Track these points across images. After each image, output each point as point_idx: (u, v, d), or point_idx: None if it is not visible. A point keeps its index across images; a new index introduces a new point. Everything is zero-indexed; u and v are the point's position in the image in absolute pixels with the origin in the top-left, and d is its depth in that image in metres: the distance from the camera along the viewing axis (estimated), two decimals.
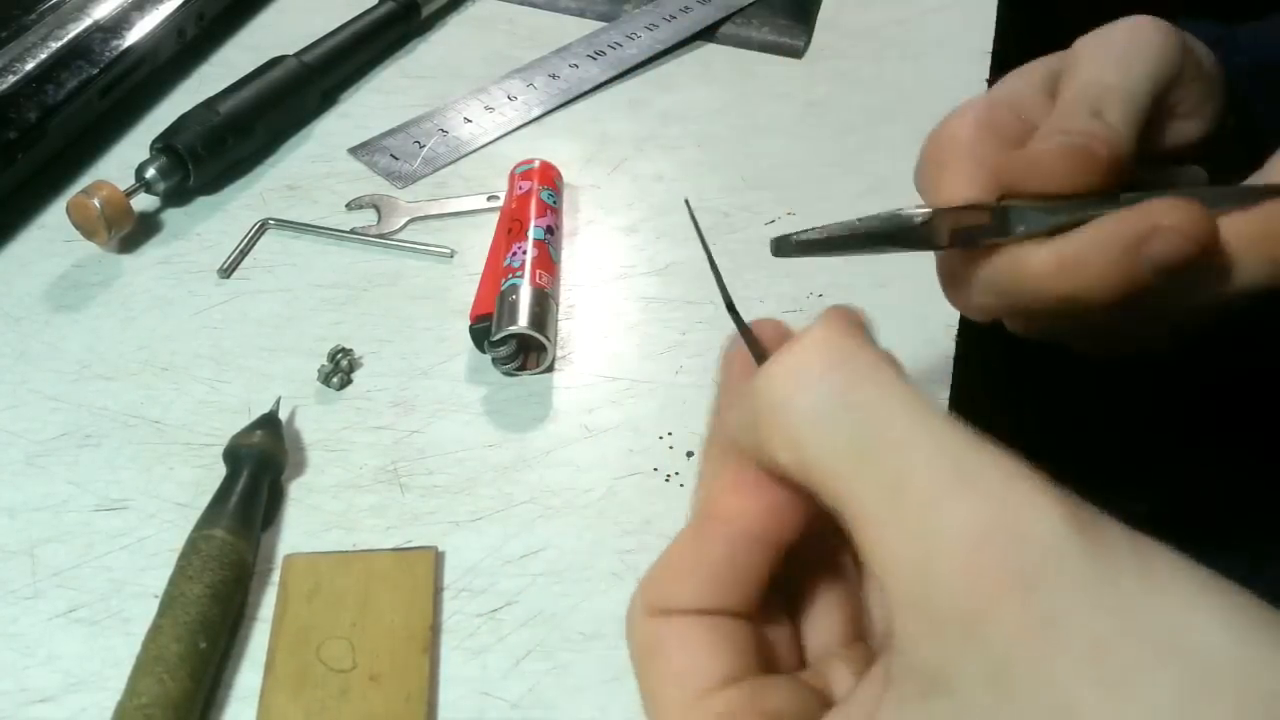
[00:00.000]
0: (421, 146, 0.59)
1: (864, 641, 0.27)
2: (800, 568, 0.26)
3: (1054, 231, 0.31)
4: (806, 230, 0.30)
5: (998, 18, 0.68)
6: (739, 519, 0.25)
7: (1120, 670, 0.17)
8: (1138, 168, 0.34)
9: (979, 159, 0.34)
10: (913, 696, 0.20)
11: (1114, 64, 0.35)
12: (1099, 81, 0.35)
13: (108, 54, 0.57)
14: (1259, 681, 0.17)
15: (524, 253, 0.49)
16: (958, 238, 0.32)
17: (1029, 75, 0.38)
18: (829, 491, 0.21)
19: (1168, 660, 0.17)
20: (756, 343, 0.26)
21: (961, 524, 0.19)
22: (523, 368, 0.47)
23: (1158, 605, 0.18)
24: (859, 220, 0.31)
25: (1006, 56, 0.64)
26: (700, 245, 0.28)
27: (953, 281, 0.35)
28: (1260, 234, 0.31)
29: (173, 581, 0.37)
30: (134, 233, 0.53)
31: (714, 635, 0.25)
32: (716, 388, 0.28)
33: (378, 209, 0.55)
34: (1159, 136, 0.36)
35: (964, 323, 0.48)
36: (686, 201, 0.31)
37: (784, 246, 0.30)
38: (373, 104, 0.62)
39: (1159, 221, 0.29)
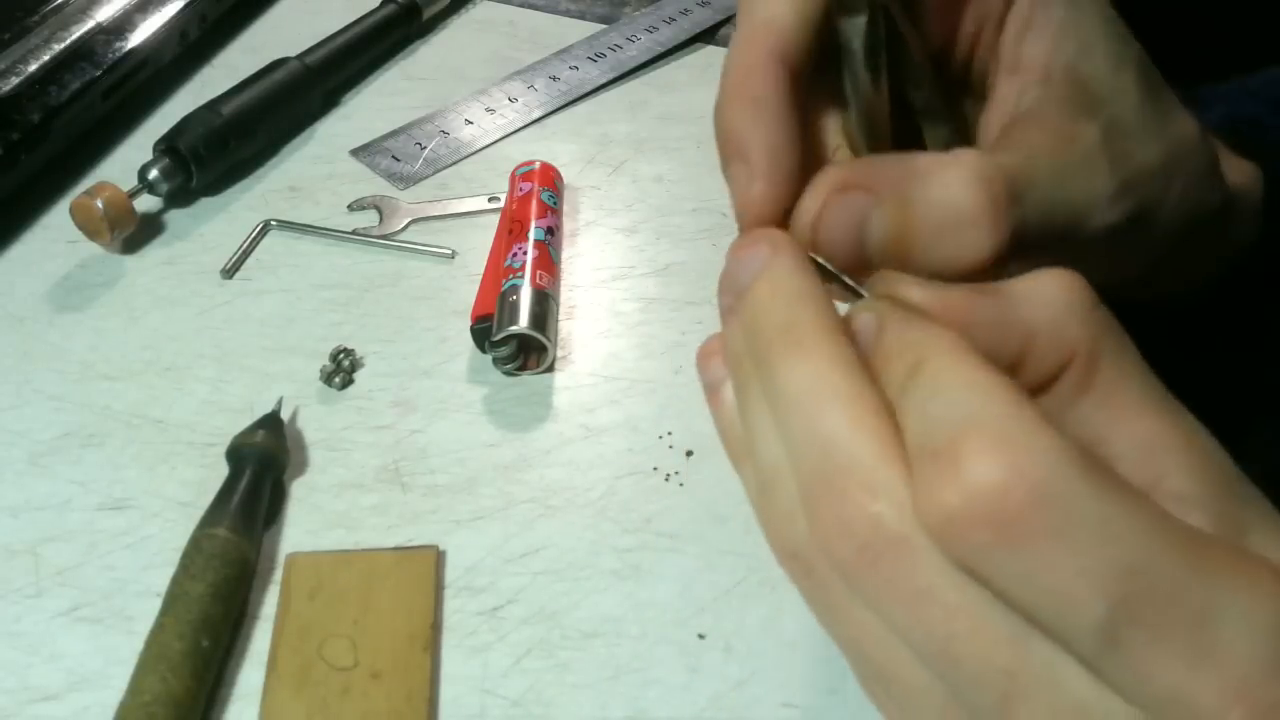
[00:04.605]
0: (423, 148, 0.59)
1: None
2: None
3: None
4: None
5: None
6: None
7: None
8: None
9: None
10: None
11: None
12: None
13: (111, 56, 0.57)
14: None
15: (524, 253, 0.49)
16: None
17: None
18: None
19: None
20: None
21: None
22: (523, 368, 0.47)
23: None
24: None
25: None
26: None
27: None
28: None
29: (175, 580, 0.37)
30: (137, 234, 0.53)
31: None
32: None
33: (379, 210, 0.55)
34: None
35: None
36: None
37: None
38: (374, 106, 0.62)
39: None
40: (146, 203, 0.54)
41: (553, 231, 0.51)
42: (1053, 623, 0.19)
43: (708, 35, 0.68)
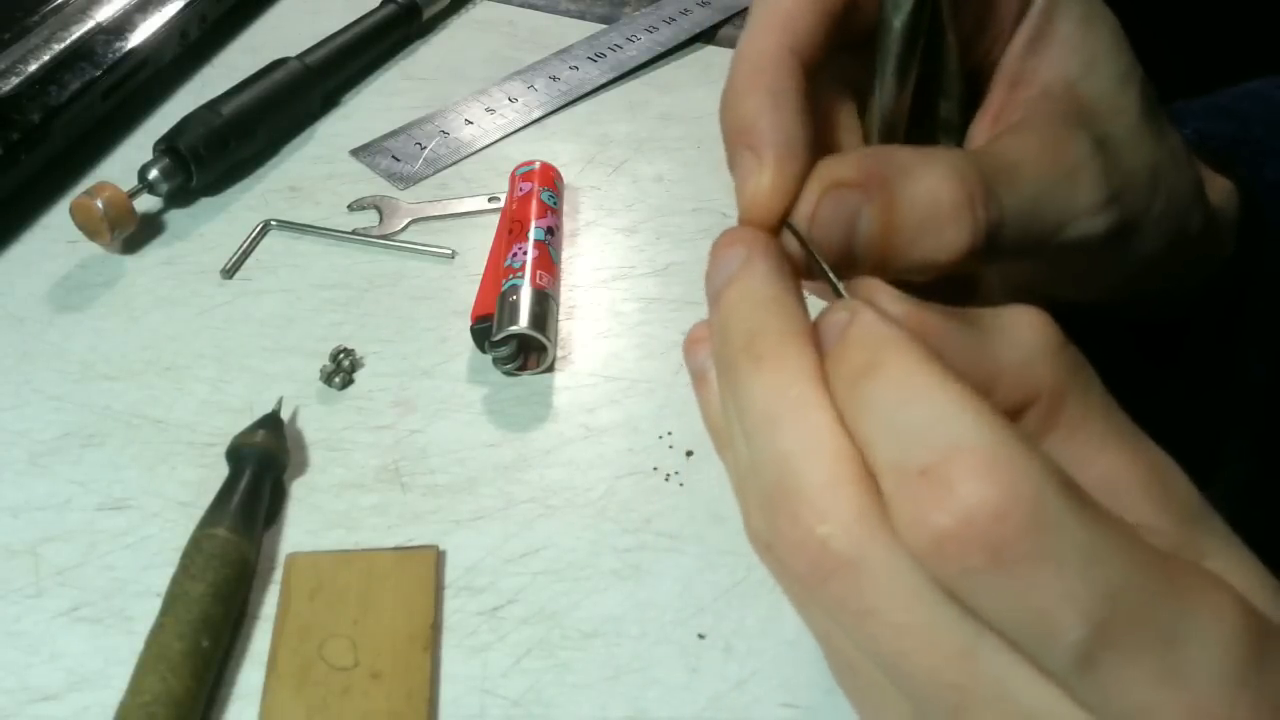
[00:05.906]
0: (423, 148, 0.59)
1: None
2: None
3: None
4: None
5: None
6: None
7: None
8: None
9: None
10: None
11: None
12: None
13: (111, 56, 0.57)
14: None
15: (524, 253, 0.49)
16: None
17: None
18: None
19: None
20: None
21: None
22: (523, 368, 0.47)
23: None
24: None
25: None
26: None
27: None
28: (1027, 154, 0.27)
29: (175, 580, 0.37)
30: (137, 234, 0.53)
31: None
32: None
33: (379, 210, 0.55)
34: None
35: None
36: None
37: None
38: (374, 106, 0.62)
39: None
40: (146, 203, 0.54)
41: (553, 231, 0.51)
42: (1029, 643, 0.19)
43: (708, 35, 0.68)
